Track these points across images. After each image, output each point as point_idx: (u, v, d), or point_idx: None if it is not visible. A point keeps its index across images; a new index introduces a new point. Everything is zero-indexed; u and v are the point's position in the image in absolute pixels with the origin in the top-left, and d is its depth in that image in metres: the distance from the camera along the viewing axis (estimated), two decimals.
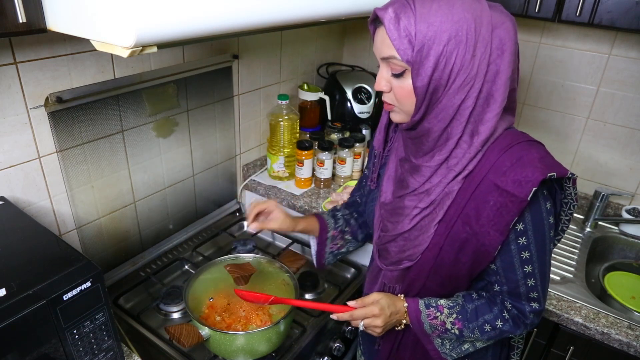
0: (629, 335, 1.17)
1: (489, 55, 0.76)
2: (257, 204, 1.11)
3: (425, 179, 0.87)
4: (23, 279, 0.75)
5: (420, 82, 0.77)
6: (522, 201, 0.77)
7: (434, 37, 0.74)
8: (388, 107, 0.87)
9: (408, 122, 0.85)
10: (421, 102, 0.80)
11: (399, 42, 0.75)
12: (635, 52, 1.49)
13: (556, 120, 1.70)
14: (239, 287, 1.15)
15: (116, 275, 1.36)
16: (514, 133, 0.84)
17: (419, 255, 0.90)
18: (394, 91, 0.83)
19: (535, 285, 0.86)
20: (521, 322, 0.89)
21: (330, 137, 1.79)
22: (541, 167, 0.77)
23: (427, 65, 0.75)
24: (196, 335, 1.04)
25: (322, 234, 1.16)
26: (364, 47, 2.05)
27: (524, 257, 0.84)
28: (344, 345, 1.32)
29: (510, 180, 0.78)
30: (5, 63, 0.96)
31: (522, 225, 0.82)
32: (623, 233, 1.59)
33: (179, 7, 0.68)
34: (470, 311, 0.90)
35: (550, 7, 1.29)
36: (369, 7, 1.07)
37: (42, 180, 1.11)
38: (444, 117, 0.80)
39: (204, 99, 1.46)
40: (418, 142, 0.86)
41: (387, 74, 0.82)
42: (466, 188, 0.83)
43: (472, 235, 0.84)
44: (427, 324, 0.91)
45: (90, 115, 1.16)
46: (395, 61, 0.78)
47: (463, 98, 0.78)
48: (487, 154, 0.82)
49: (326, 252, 1.17)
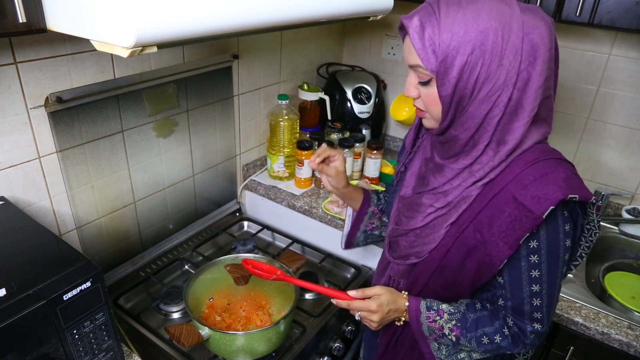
0: (629, 335, 1.17)
1: (519, 63, 0.74)
2: (327, 149, 1.10)
3: (446, 180, 0.87)
4: (23, 279, 0.75)
5: (444, 92, 0.77)
6: (537, 218, 0.75)
7: (457, 47, 0.73)
8: (420, 113, 0.88)
9: (437, 129, 0.85)
10: (447, 110, 0.79)
11: (423, 52, 0.76)
12: (635, 52, 1.49)
13: (556, 120, 1.70)
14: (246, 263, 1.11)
15: (116, 275, 1.36)
16: (544, 148, 0.81)
17: (426, 253, 0.90)
18: (422, 98, 0.84)
19: (541, 306, 0.84)
20: (520, 341, 0.87)
21: (330, 137, 1.79)
22: (564, 187, 0.75)
23: (451, 76, 0.75)
24: (196, 335, 1.04)
25: (364, 206, 1.16)
26: (364, 47, 2.05)
27: (533, 276, 0.82)
28: (344, 345, 1.32)
29: (529, 195, 0.76)
30: (5, 63, 0.96)
31: (536, 243, 0.80)
32: (623, 233, 1.59)
33: (179, 7, 0.68)
34: (471, 321, 0.89)
35: (550, 7, 1.29)
36: (369, 7, 1.07)
37: (42, 180, 1.11)
38: (471, 126, 0.79)
39: (204, 99, 1.46)
40: (446, 146, 0.86)
41: (415, 80, 0.82)
42: (484, 195, 0.82)
43: (481, 243, 0.83)
44: (425, 326, 0.91)
45: (90, 115, 1.16)
46: (421, 70, 0.78)
47: (490, 107, 0.77)
48: (511, 165, 0.80)
49: (360, 229, 1.17)
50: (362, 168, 1.76)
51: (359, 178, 1.77)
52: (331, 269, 1.54)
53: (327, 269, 1.53)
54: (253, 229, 1.69)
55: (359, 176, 1.77)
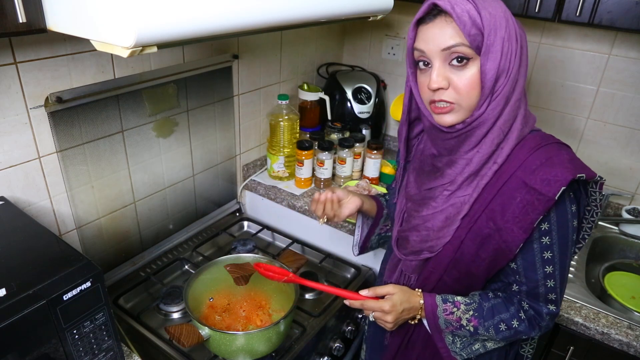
0: (629, 335, 1.17)
1: (520, 46, 0.79)
2: (321, 198, 1.09)
3: (460, 170, 0.87)
4: (23, 279, 0.75)
5: (491, 66, 0.77)
6: (550, 200, 0.78)
7: (496, 23, 0.76)
8: (444, 108, 0.82)
9: (467, 119, 0.82)
10: (490, 90, 0.79)
11: (469, 27, 0.76)
12: (635, 52, 1.49)
13: (556, 120, 1.70)
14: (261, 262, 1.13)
15: (116, 275, 1.36)
16: (542, 135, 0.85)
17: (440, 247, 0.90)
18: (454, 86, 0.80)
19: (555, 287, 0.86)
20: (536, 324, 0.89)
21: (330, 137, 1.79)
22: (571, 167, 0.78)
23: (496, 49, 0.76)
24: (196, 335, 1.04)
25: (380, 211, 1.17)
26: (364, 47, 2.05)
27: (546, 257, 0.84)
28: (344, 345, 1.32)
29: (539, 179, 0.78)
30: (5, 63, 0.96)
31: (547, 225, 0.82)
32: (623, 233, 1.59)
33: (179, 7, 0.68)
34: (487, 309, 0.90)
35: (550, 7, 1.29)
36: (369, 7, 1.07)
37: (42, 180, 1.11)
38: (498, 107, 0.80)
39: (204, 99, 1.46)
40: (463, 138, 0.85)
41: (444, 69, 0.80)
42: (494, 184, 0.84)
43: (495, 231, 0.84)
44: (442, 319, 0.91)
45: (90, 115, 1.16)
46: (462, 48, 0.77)
47: (512, 88, 0.80)
48: (515, 152, 0.83)
49: (375, 232, 1.19)
50: (362, 168, 1.76)
51: (359, 178, 1.76)
52: (331, 269, 1.54)
53: (327, 269, 1.53)
54: (253, 229, 1.69)
55: (359, 176, 1.77)
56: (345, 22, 1.76)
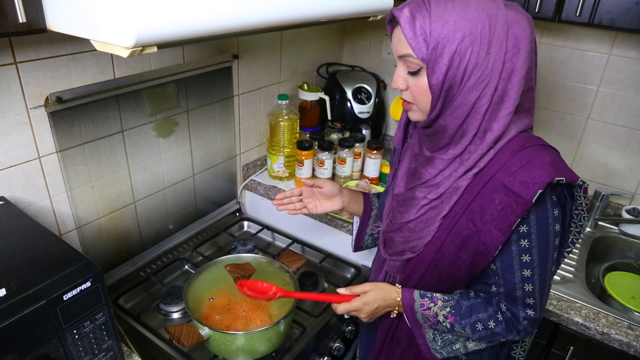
0: (629, 335, 1.17)
1: (504, 53, 0.77)
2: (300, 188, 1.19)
3: (438, 171, 0.88)
4: (23, 279, 0.75)
5: (435, 80, 0.78)
6: (527, 203, 0.77)
7: (448, 36, 0.75)
8: (407, 105, 0.88)
9: (425, 120, 0.86)
10: (437, 99, 0.81)
11: (414, 40, 0.77)
12: (635, 52, 1.49)
13: (556, 120, 1.70)
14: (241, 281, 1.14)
15: (116, 275, 1.36)
16: (529, 136, 0.84)
17: (421, 247, 0.91)
18: (410, 89, 0.84)
19: (533, 291, 0.85)
20: (514, 327, 0.88)
21: (330, 137, 1.79)
22: (550, 170, 0.77)
23: (442, 63, 0.76)
24: (196, 335, 1.04)
25: (367, 211, 1.19)
26: (364, 47, 2.05)
27: (524, 260, 0.83)
28: (344, 345, 1.32)
29: (517, 181, 0.78)
30: (5, 63, 0.96)
31: (526, 228, 0.81)
32: (623, 233, 1.59)
33: (179, 7, 0.68)
34: (465, 307, 0.90)
35: (550, 7, 1.29)
36: (369, 7, 1.07)
37: (42, 180, 1.10)
38: (459, 115, 0.81)
39: (204, 99, 1.46)
40: (434, 139, 0.87)
41: (403, 72, 0.83)
42: (474, 185, 0.84)
43: (475, 232, 0.84)
44: (419, 314, 0.92)
45: (90, 115, 1.16)
46: (411, 59, 0.80)
47: (478, 96, 0.79)
48: (499, 154, 0.82)
49: (367, 233, 1.20)
50: (362, 168, 1.76)
51: (359, 178, 1.77)
52: (331, 269, 1.54)
53: (327, 269, 1.53)
54: (253, 229, 1.69)
55: (359, 176, 1.77)
56: (345, 22, 1.76)
